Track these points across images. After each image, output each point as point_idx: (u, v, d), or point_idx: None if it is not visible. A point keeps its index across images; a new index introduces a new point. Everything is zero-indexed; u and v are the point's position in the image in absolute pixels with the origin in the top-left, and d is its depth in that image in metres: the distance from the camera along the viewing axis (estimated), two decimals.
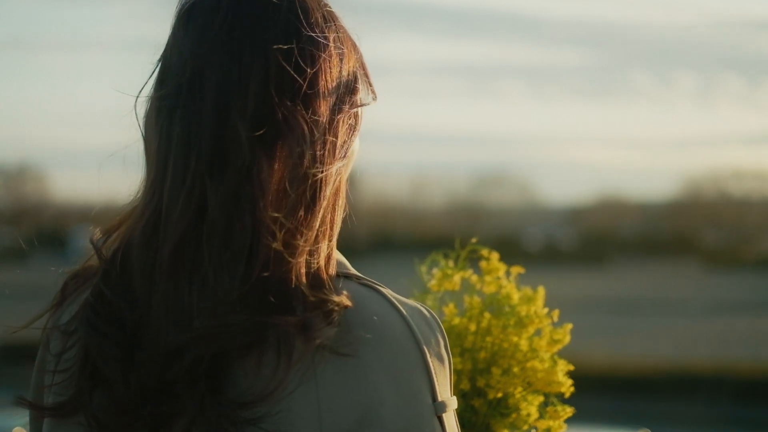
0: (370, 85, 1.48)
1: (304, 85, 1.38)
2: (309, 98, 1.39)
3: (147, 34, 1.49)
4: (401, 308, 1.39)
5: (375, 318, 1.36)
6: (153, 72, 1.45)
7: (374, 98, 1.48)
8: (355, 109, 1.44)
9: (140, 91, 1.45)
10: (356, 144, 1.45)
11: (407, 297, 1.96)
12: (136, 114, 1.45)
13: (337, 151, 1.41)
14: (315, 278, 1.36)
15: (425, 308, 1.43)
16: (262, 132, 1.36)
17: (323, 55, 1.41)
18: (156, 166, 1.40)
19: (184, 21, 1.43)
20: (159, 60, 1.45)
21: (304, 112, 1.38)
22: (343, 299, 1.35)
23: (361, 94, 1.46)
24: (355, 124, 1.45)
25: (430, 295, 1.90)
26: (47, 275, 1.59)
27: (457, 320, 1.83)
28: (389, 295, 1.40)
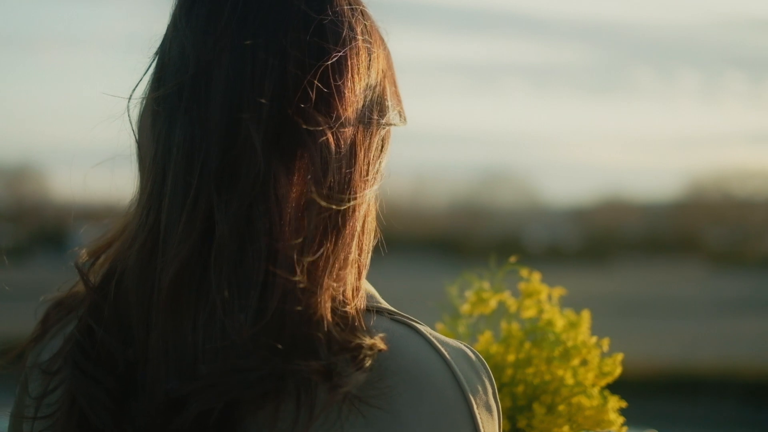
0: (399, 97, 1.28)
1: (328, 87, 1.18)
2: (333, 104, 1.19)
3: (147, 33, 1.29)
4: (443, 350, 1.18)
5: (413, 363, 1.16)
6: (148, 68, 1.24)
7: (402, 116, 1.28)
8: (385, 125, 1.24)
9: (133, 91, 1.25)
10: (387, 159, 1.25)
11: (435, 322, 1.78)
12: (129, 117, 1.25)
13: (370, 166, 1.21)
14: (342, 314, 1.16)
15: (470, 349, 1.22)
16: (278, 140, 1.16)
17: (349, 50, 1.21)
18: (153, 179, 1.19)
19: (186, 8, 1.22)
20: (155, 54, 1.24)
21: (327, 117, 1.18)
22: (377, 341, 1.14)
23: (390, 101, 1.26)
24: (385, 138, 1.25)
25: (462, 320, 1.69)
26: (47, 275, 1.42)
27: (494, 348, 1.62)
28: (428, 334, 1.19)
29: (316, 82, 1.18)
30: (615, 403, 1.57)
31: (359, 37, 1.22)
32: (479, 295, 1.67)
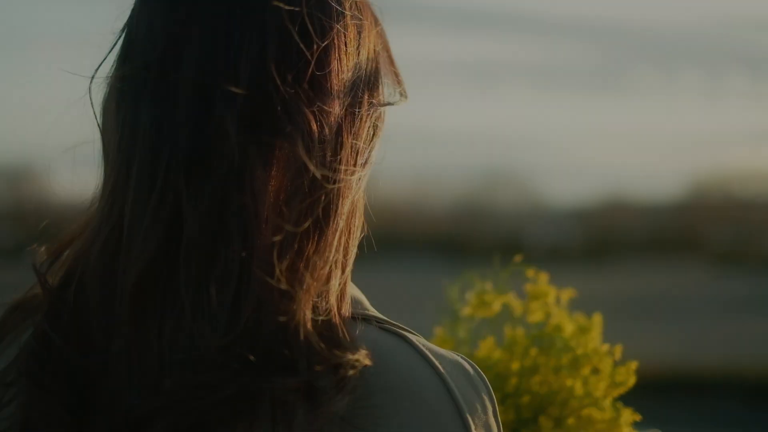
0: (397, 75, 1.16)
1: (312, 65, 1.06)
2: (318, 83, 1.07)
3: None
4: (437, 364, 1.06)
5: (403, 378, 1.04)
6: (114, 45, 1.12)
7: (403, 94, 1.16)
8: (377, 100, 1.12)
9: (96, 70, 1.13)
10: (378, 147, 1.13)
11: (434, 325, 1.66)
12: (90, 99, 1.13)
13: (358, 155, 1.09)
14: (324, 324, 1.04)
15: (468, 362, 1.10)
16: (255, 127, 1.04)
17: (337, 26, 1.09)
18: (117, 169, 1.07)
19: None
20: (122, 29, 1.12)
21: (310, 101, 1.06)
22: (361, 356, 1.02)
23: (384, 82, 1.14)
24: (377, 123, 1.13)
25: (462, 324, 1.57)
26: None
27: (497, 355, 1.50)
28: (420, 346, 1.07)
29: (300, 63, 1.06)
30: (629, 416, 1.46)
31: (347, 13, 1.11)
32: (481, 298, 1.55)
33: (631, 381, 1.48)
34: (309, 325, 1.02)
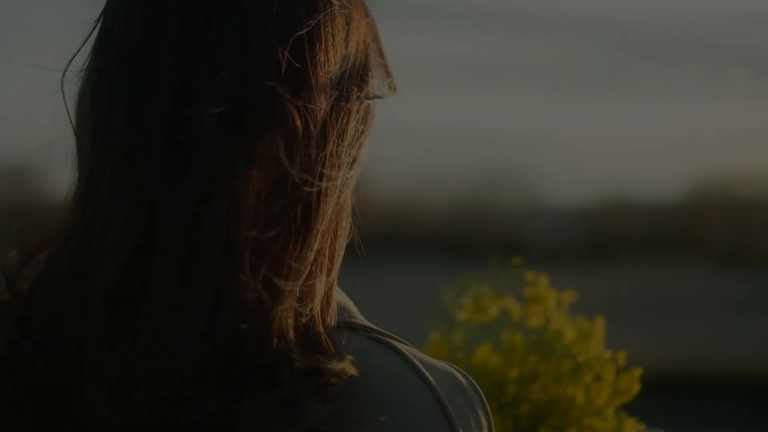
0: (387, 68, 1.10)
1: (297, 58, 1.01)
2: (303, 76, 1.01)
3: None
4: (428, 375, 1.01)
5: (391, 391, 0.99)
6: (88, 36, 1.07)
7: (392, 87, 1.10)
8: (366, 99, 1.06)
9: (69, 62, 1.07)
10: (366, 147, 1.07)
11: (429, 330, 1.61)
12: (63, 94, 1.07)
13: (343, 154, 1.03)
14: (307, 333, 0.98)
15: (460, 373, 1.05)
16: (237, 124, 0.99)
17: (323, 16, 1.03)
18: (89, 168, 1.02)
19: None
20: (98, 20, 1.07)
21: (296, 95, 1.00)
22: (346, 366, 0.97)
23: (374, 79, 1.08)
24: (366, 118, 1.07)
25: (458, 329, 1.53)
26: None
27: (495, 361, 1.46)
28: (410, 356, 1.02)
29: (284, 54, 1.01)
30: (633, 425, 1.41)
31: (335, 2, 1.05)
32: (478, 302, 1.50)
33: (635, 389, 1.44)
34: (291, 333, 0.97)
